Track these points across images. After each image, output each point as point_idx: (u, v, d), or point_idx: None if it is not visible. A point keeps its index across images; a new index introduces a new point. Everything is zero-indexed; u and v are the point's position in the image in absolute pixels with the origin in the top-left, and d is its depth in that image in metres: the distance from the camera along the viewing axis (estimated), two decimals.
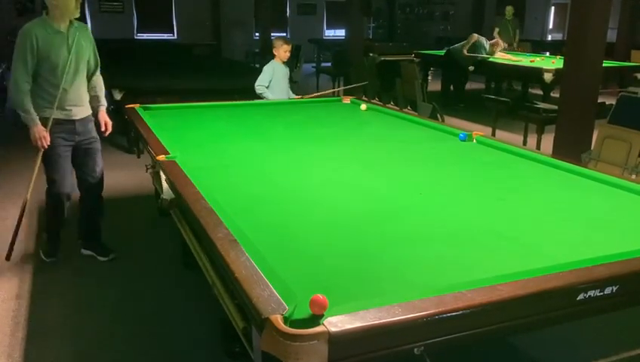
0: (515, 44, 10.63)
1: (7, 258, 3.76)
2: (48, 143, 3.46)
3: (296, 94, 5.52)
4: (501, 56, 9.53)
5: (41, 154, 3.53)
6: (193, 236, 2.56)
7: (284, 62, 5.31)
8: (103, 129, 3.81)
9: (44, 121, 3.45)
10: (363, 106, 4.74)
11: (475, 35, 9.47)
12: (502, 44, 9.54)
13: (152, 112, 4.17)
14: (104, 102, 3.84)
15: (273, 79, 5.23)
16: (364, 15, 11.10)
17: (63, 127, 3.54)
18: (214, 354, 2.78)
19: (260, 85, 5.22)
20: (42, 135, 3.43)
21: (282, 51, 5.23)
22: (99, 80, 3.80)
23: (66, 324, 3.11)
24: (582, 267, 1.72)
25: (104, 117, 3.82)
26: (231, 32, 16.58)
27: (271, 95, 5.20)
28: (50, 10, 3.44)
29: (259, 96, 5.21)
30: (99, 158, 3.79)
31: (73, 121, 3.57)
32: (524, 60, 9.32)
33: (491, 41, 9.52)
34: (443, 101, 9.08)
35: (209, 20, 16.32)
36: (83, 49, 3.56)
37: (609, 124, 4.82)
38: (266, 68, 5.30)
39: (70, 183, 3.66)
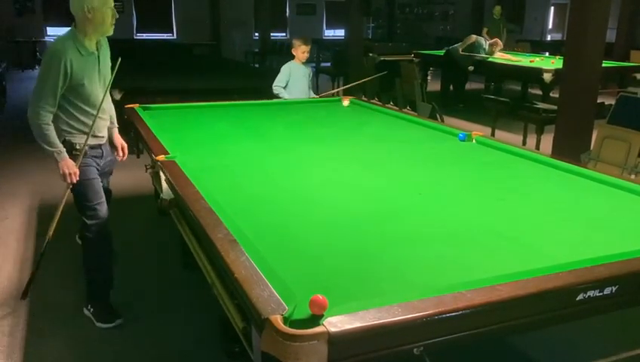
0: (502, 40, 10.56)
1: (24, 296, 3.25)
2: (77, 179, 2.97)
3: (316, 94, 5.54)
4: (500, 56, 9.54)
5: (69, 188, 3.03)
6: (193, 236, 2.56)
7: (303, 63, 5.29)
8: (121, 154, 3.39)
9: (70, 147, 2.97)
10: (345, 102, 4.82)
11: (474, 36, 9.47)
12: (501, 43, 9.54)
13: (151, 112, 4.17)
14: (116, 123, 3.42)
15: (291, 80, 5.22)
16: (364, 15, 11.11)
17: (95, 151, 3.12)
18: (214, 354, 2.78)
19: (276, 86, 5.24)
20: (73, 171, 2.93)
21: (300, 52, 5.23)
22: (109, 97, 3.27)
23: (65, 324, 3.11)
24: (581, 267, 1.72)
25: (120, 140, 3.40)
26: (230, 32, 16.60)
27: (287, 95, 5.21)
28: (81, 25, 2.88)
29: (276, 96, 5.23)
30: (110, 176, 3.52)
31: (100, 145, 3.17)
32: (524, 60, 9.33)
33: (490, 41, 9.53)
34: (442, 101, 9.08)
35: (208, 20, 16.34)
36: (108, 68, 3.09)
37: (608, 124, 4.83)
38: (283, 68, 5.30)
39: (107, 209, 3.18)
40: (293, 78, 5.24)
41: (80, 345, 2.93)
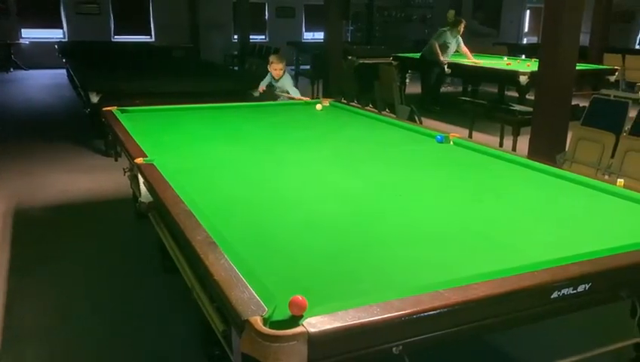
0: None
1: None
2: None
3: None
4: (473, 61, 9.65)
5: None
6: (172, 239, 2.54)
7: (277, 79, 5.76)
8: None
9: None
10: (318, 106, 4.80)
11: (439, 29, 9.63)
12: (464, 21, 9.65)
13: (129, 115, 4.14)
14: None
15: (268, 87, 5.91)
16: (343, 18, 11.13)
17: None
18: (195, 358, 2.77)
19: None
20: None
21: (272, 69, 5.75)
22: None
23: (42, 328, 3.07)
24: (556, 266, 1.76)
25: None
26: (209, 35, 16.52)
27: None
28: None
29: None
30: None
31: None
32: (501, 63, 9.44)
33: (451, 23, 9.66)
34: (420, 104, 9.13)
35: (187, 23, 16.24)
36: None
37: (583, 125, 4.91)
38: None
39: None
40: (268, 87, 5.87)
41: (56, 349, 2.89)
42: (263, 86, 5.96)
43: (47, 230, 4.36)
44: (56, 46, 13.11)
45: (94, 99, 6.22)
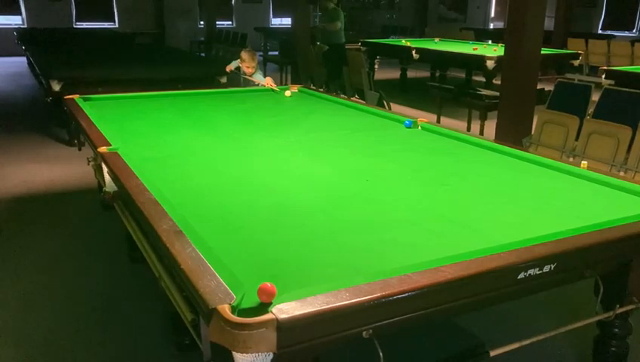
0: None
1: None
2: None
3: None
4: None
5: None
6: (138, 229, 2.50)
7: (249, 74, 5.57)
8: None
9: None
10: (287, 92, 4.76)
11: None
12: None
13: (92, 103, 4.04)
14: None
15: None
16: (310, 3, 11.06)
17: None
18: (165, 348, 2.74)
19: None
20: None
21: (244, 66, 5.57)
22: None
23: (8, 326, 2.99)
24: (522, 247, 1.78)
25: None
26: (174, 21, 16.24)
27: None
28: None
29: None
30: None
31: None
32: (468, 48, 9.52)
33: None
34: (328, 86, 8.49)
35: (151, 8, 15.93)
36: None
37: (548, 109, 4.99)
38: (235, 61, 5.86)
39: None
40: (236, 73, 5.79)
41: (24, 347, 2.82)
42: (231, 66, 5.91)
43: (8, 222, 4.24)
44: (15, 33, 12.72)
45: (56, 87, 6.06)
